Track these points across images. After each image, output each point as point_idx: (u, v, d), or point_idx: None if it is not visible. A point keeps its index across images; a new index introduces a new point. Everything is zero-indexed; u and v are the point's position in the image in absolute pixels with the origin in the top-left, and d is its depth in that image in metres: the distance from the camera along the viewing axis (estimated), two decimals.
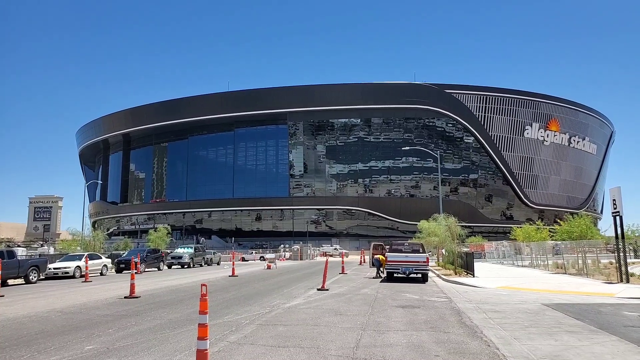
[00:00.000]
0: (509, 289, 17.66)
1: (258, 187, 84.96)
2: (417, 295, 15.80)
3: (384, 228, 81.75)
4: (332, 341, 8.23)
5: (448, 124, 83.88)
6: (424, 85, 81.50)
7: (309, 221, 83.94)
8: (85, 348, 7.89)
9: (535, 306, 12.75)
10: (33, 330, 9.65)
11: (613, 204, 19.91)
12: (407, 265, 21.38)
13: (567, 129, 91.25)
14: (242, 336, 8.72)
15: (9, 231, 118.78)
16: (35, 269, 24.20)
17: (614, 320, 10.38)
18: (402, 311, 11.95)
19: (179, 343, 8.19)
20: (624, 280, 19.05)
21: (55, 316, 11.63)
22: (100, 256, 32.34)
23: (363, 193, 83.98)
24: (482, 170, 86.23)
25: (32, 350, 7.82)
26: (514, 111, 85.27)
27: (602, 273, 22.26)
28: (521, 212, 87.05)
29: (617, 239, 20.37)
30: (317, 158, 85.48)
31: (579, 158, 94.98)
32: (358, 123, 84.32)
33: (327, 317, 11.00)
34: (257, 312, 11.82)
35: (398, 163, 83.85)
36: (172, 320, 10.73)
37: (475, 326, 9.79)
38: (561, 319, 10.55)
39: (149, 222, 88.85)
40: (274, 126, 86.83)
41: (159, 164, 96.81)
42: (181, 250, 39.57)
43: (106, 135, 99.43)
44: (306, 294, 16.00)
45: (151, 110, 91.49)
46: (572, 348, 7.72)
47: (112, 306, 13.38)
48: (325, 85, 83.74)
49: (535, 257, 33.81)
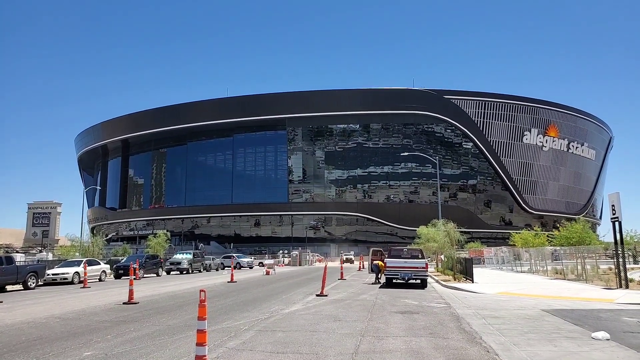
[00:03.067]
0: (508, 295, 17.64)
1: (257, 193, 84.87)
2: (416, 301, 15.78)
3: (383, 234, 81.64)
4: (331, 347, 8.22)
5: (447, 130, 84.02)
6: (422, 91, 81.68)
7: (307, 227, 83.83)
8: (83, 354, 7.88)
9: (535, 312, 12.75)
10: (31, 337, 9.64)
11: (612, 210, 19.93)
12: (406, 271, 21.36)
13: (565, 135, 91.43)
14: (240, 342, 8.71)
15: (8, 237, 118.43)
16: (34, 275, 24.12)
17: (614, 326, 10.37)
18: (401, 317, 11.94)
19: (178, 349, 8.17)
20: (623, 286, 19.04)
21: (54, 322, 11.60)
22: (99, 262, 32.24)
23: (362, 199, 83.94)
24: (481, 175, 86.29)
25: (31, 356, 7.81)
26: (512, 117, 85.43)
27: (601, 279, 22.26)
28: (520, 218, 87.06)
29: (616, 245, 20.39)
30: (316, 164, 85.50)
31: (577, 163, 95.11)
32: (357, 129, 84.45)
33: (326, 323, 10.99)
34: (256, 318, 11.80)
35: (397, 169, 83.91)
36: (170, 326, 10.71)
37: (474, 332, 9.78)
38: (560, 325, 10.55)
39: (147, 227, 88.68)
40: (272, 132, 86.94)
41: (157, 170, 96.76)
42: (180, 256, 39.48)
43: (105, 141, 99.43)
44: (305, 300, 15.98)
45: (150, 116, 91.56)
46: (572, 354, 7.72)
47: (110, 312, 13.35)
48: (324, 91, 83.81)
49: (534, 262, 33.79)
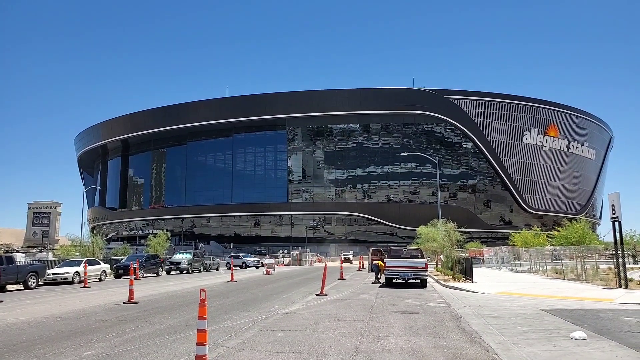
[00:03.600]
0: (508, 295, 17.65)
1: (257, 193, 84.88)
2: (415, 300, 15.79)
3: (383, 234, 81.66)
4: (331, 347, 8.23)
5: (447, 130, 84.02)
6: (422, 90, 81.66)
7: (307, 227, 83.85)
8: (84, 354, 7.89)
9: (534, 312, 12.76)
10: (32, 336, 9.65)
11: (612, 210, 19.93)
12: (406, 271, 21.36)
13: (565, 134, 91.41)
14: (241, 342, 8.73)
15: (8, 237, 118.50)
16: (34, 274, 24.14)
17: (613, 325, 10.39)
18: (401, 317, 11.95)
19: (178, 349, 8.19)
20: (623, 286, 19.05)
21: (54, 322, 11.62)
22: (99, 262, 32.24)
23: (362, 198, 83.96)
24: (480, 175, 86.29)
25: (31, 356, 7.82)
26: (512, 116, 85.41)
27: (601, 278, 22.26)
28: (520, 218, 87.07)
29: (615, 244, 20.40)
30: (315, 164, 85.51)
31: (577, 163, 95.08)
32: (357, 129, 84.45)
33: (325, 322, 11.00)
34: (256, 317, 11.82)
35: (397, 168, 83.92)
36: (170, 325, 10.72)
37: (474, 332, 9.79)
38: (560, 325, 10.56)
39: (147, 227, 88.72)
40: (272, 132, 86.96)
41: (157, 170, 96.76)
42: (180, 256, 39.49)
43: (105, 141, 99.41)
44: (305, 300, 15.99)
45: (150, 116, 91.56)
46: (571, 354, 7.73)
47: (111, 312, 13.37)
48: (323, 90, 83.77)
49: (534, 262, 33.81)
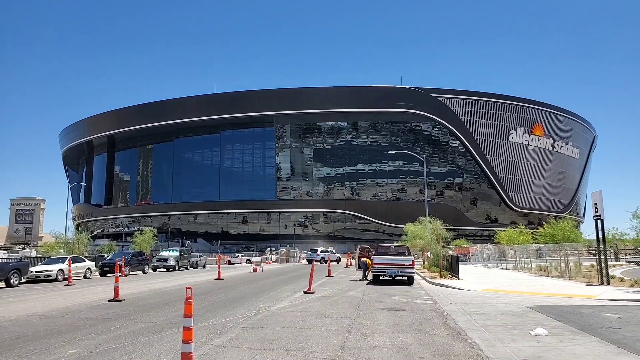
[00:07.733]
0: (494, 292, 17.84)
1: (244, 190, 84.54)
2: (402, 297, 15.88)
3: (371, 231, 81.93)
4: (318, 344, 8.24)
5: (434, 128, 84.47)
6: (410, 89, 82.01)
7: (295, 224, 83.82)
8: (67, 352, 7.80)
9: (519, 308, 12.91)
10: (14, 335, 9.51)
11: (595, 208, 20.24)
12: (393, 268, 21.48)
13: (550, 134, 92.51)
14: (227, 339, 8.70)
15: None
16: (17, 272, 23.78)
17: (595, 321, 10.56)
18: (388, 314, 12.01)
19: (164, 347, 8.13)
20: (605, 283, 19.38)
21: (37, 320, 11.46)
22: (84, 259, 31.86)
23: (350, 196, 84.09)
24: (467, 174, 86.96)
25: (13, 354, 7.71)
26: (499, 115, 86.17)
27: (584, 275, 22.63)
28: (506, 216, 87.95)
29: (598, 242, 20.73)
30: (304, 161, 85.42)
31: (562, 162, 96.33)
32: (345, 126, 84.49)
33: (313, 319, 11.01)
34: (242, 315, 11.79)
35: (385, 166, 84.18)
36: (156, 323, 10.65)
37: (459, 328, 9.88)
38: (544, 321, 10.70)
39: (133, 224, 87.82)
40: (260, 129, 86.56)
41: (144, 166, 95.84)
42: (166, 253, 39.22)
43: (90, 137, 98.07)
44: (292, 297, 16.00)
45: (136, 112, 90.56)
46: (554, 349, 7.84)
47: (95, 310, 13.23)
48: (312, 88, 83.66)
49: (519, 260, 34.22)
